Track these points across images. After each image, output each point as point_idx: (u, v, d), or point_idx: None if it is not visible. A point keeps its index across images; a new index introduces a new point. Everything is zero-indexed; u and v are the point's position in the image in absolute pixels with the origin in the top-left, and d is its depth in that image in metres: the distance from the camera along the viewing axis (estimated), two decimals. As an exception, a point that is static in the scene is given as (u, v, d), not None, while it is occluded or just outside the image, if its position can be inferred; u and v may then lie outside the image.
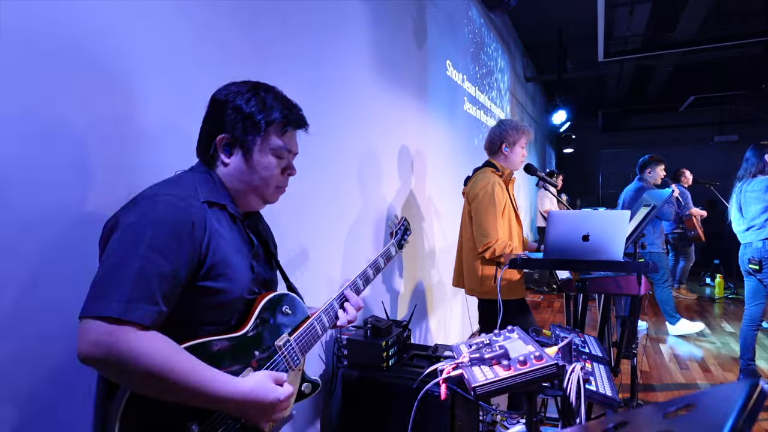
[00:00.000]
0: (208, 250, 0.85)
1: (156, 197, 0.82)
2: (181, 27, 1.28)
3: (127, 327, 0.73)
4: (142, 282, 0.76)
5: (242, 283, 0.91)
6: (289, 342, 0.98)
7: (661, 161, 3.97)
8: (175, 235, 0.80)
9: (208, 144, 0.94)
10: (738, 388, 0.32)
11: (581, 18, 5.22)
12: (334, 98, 2.03)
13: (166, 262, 0.78)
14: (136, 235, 0.78)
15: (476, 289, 2.20)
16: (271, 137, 0.94)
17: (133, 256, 0.76)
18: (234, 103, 0.91)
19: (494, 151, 2.29)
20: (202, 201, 0.87)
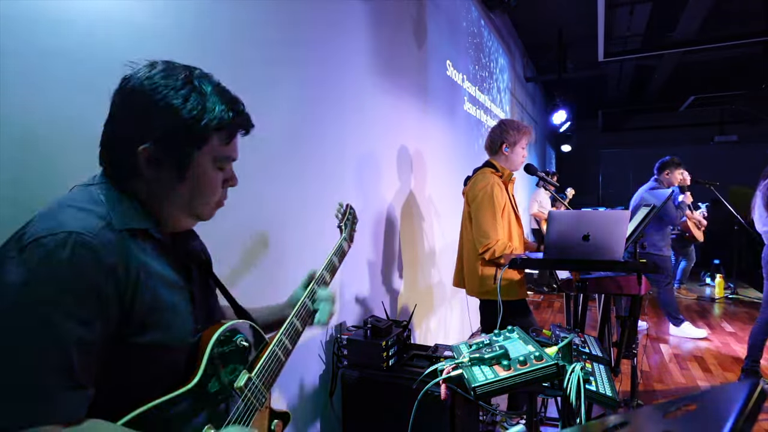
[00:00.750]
0: (135, 296, 0.65)
1: (54, 237, 0.59)
2: (176, 26, 1.28)
3: (51, 429, 0.55)
4: (55, 362, 0.57)
5: (182, 325, 0.73)
6: (251, 381, 0.81)
7: (680, 165, 3.93)
8: (93, 288, 0.60)
9: (122, 152, 0.70)
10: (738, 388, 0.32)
11: (581, 18, 5.22)
12: (334, 98, 2.03)
13: (86, 329, 0.59)
14: (36, 301, 0.57)
15: (476, 290, 2.20)
16: (214, 147, 0.73)
17: (37, 327, 0.56)
18: (165, 101, 0.68)
19: (495, 150, 2.28)
20: (119, 230, 0.66)
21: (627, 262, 1.59)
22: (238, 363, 0.82)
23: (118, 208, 0.68)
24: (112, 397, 0.64)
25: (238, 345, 0.82)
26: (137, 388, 0.67)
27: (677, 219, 3.81)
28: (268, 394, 0.87)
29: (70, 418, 0.58)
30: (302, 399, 1.81)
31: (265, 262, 1.59)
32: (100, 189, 0.70)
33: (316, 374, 1.92)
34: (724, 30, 5.19)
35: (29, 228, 0.61)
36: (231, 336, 0.81)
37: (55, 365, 0.57)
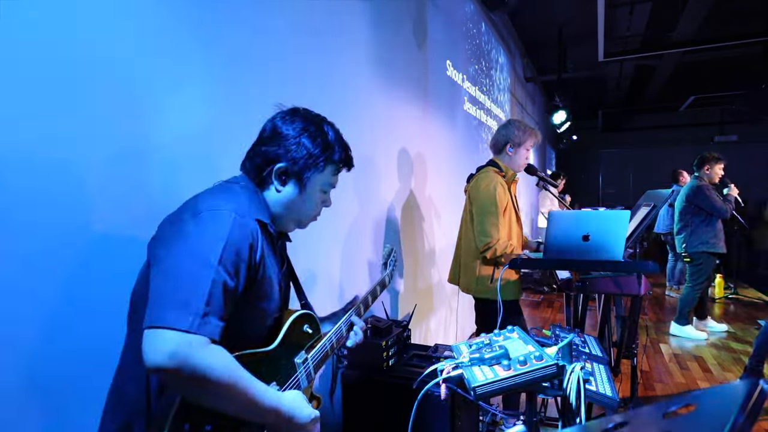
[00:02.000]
0: (259, 269, 0.88)
1: (219, 211, 0.83)
2: (184, 33, 1.28)
3: (202, 339, 0.74)
4: (214, 297, 0.77)
5: (277, 302, 0.97)
6: (307, 360, 1.02)
7: (720, 160, 3.86)
8: (240, 252, 0.82)
9: (263, 166, 0.96)
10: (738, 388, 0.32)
11: (581, 18, 5.22)
12: (334, 98, 2.03)
13: (232, 279, 0.81)
14: (206, 248, 0.79)
15: (472, 288, 2.20)
16: (326, 176, 1.00)
17: (206, 269, 0.77)
18: (301, 138, 0.95)
19: (499, 150, 2.28)
20: (254, 219, 0.89)
21: (627, 262, 1.59)
22: (301, 344, 1.04)
23: (254, 204, 0.92)
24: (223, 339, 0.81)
25: (304, 330, 1.05)
26: (238, 338, 0.86)
27: (726, 212, 3.74)
28: (315, 375, 1.06)
29: (214, 337, 0.76)
30: (302, 399, 1.81)
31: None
32: (242, 188, 0.94)
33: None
34: (724, 30, 5.19)
35: (199, 203, 0.85)
36: (302, 321, 1.04)
37: (212, 296, 0.76)
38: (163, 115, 1.22)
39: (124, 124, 1.12)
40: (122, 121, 1.12)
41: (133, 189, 1.14)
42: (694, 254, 3.83)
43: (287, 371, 0.97)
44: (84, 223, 1.03)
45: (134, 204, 1.13)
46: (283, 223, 1.02)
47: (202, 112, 1.34)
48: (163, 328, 0.72)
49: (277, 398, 0.85)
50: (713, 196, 3.74)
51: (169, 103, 1.24)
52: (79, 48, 1.02)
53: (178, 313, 0.73)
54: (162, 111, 1.22)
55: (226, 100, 1.41)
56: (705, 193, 3.75)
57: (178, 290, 0.75)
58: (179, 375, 0.72)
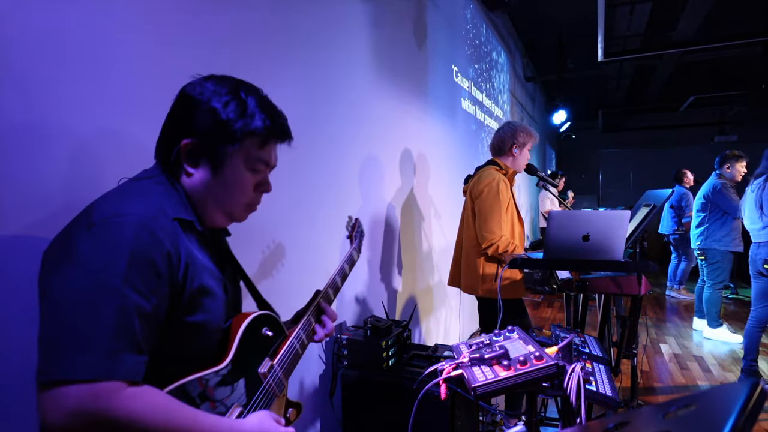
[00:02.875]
0: (186, 279, 0.73)
1: (119, 218, 0.67)
2: (176, 26, 1.28)
3: (114, 385, 0.61)
4: (123, 327, 0.63)
5: (220, 311, 0.81)
6: (273, 368, 0.88)
7: (742, 157, 3.80)
8: (152, 265, 0.67)
9: (170, 147, 0.79)
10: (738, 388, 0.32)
11: (581, 18, 5.22)
12: (334, 98, 2.03)
13: (147, 300, 0.66)
14: (105, 269, 0.63)
15: (476, 288, 2.20)
16: (247, 149, 0.80)
17: (107, 295, 0.63)
18: (209, 105, 0.77)
19: (503, 150, 2.29)
20: (172, 218, 0.73)
21: (627, 262, 1.58)
22: (262, 351, 0.89)
23: (170, 200, 0.76)
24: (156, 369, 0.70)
25: (263, 334, 0.89)
26: (174, 363, 0.74)
27: (738, 211, 3.69)
28: (286, 382, 0.94)
29: (132, 378, 0.64)
30: (302, 399, 1.81)
31: (264, 262, 1.59)
32: (153, 182, 0.77)
33: (316, 374, 1.92)
34: (724, 30, 5.19)
35: (94, 211, 0.68)
36: (258, 325, 0.88)
37: (120, 327, 0.63)
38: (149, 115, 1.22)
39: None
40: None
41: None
42: (708, 251, 3.83)
43: (251, 386, 0.83)
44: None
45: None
46: (210, 216, 0.83)
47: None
48: (61, 383, 0.58)
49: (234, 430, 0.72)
50: (730, 195, 3.73)
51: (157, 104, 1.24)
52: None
53: (77, 359, 0.59)
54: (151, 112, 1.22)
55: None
56: (723, 192, 3.75)
57: (73, 329, 0.61)
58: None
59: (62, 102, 0.99)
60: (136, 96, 1.15)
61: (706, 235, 3.84)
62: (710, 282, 3.86)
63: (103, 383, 0.60)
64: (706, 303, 3.94)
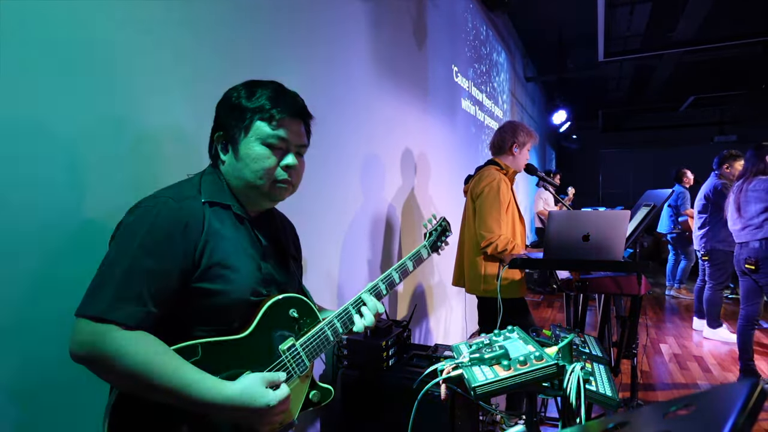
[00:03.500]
0: (204, 250, 0.83)
1: (154, 199, 0.84)
2: (181, 29, 1.28)
3: (110, 326, 0.73)
4: (128, 281, 0.76)
5: (243, 284, 0.88)
6: (294, 347, 0.93)
7: (740, 157, 3.78)
8: (168, 235, 0.80)
9: (211, 143, 0.95)
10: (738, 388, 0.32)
11: (581, 18, 5.22)
12: (334, 98, 2.03)
13: (155, 262, 0.78)
14: (129, 236, 0.79)
15: (478, 288, 2.20)
16: (256, 124, 0.89)
17: (123, 256, 0.78)
18: (226, 97, 0.92)
19: (503, 150, 2.29)
20: (203, 201, 0.86)
21: (627, 262, 1.59)
22: (288, 330, 0.95)
23: (208, 187, 0.89)
24: (177, 329, 0.82)
25: (290, 315, 0.95)
26: (196, 326, 0.84)
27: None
28: (311, 364, 0.98)
29: (128, 322, 0.74)
30: (302, 399, 1.81)
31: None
32: (202, 174, 0.93)
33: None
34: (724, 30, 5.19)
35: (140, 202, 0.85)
36: (286, 305, 0.95)
37: (127, 282, 0.76)
38: (154, 114, 1.22)
39: (106, 107, 1.12)
40: (114, 113, 1.11)
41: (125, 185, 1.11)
42: (712, 252, 3.82)
43: (268, 360, 0.89)
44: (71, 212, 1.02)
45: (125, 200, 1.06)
46: (249, 198, 0.94)
47: (195, 111, 1.34)
48: (78, 317, 0.74)
49: (215, 388, 0.78)
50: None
51: (160, 103, 1.24)
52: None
53: (90, 302, 0.75)
54: (154, 111, 1.22)
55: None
56: (723, 192, 3.74)
57: (96, 279, 0.77)
58: (91, 362, 0.74)
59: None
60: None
61: (709, 237, 3.84)
62: (712, 282, 3.86)
63: (102, 323, 0.73)
64: (707, 303, 3.94)
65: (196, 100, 1.31)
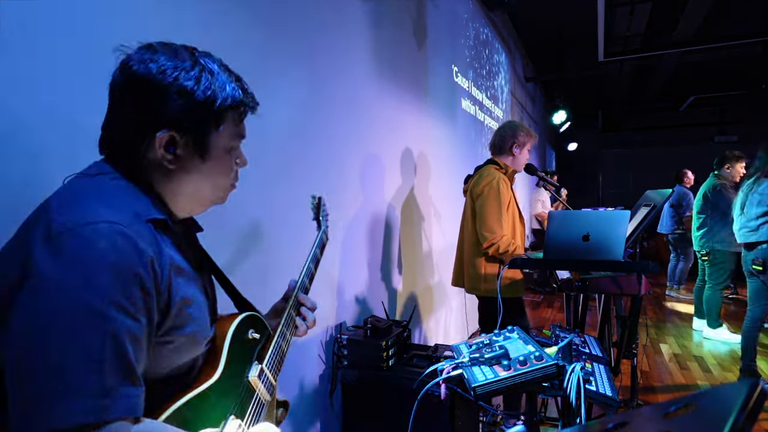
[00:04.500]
0: (170, 289, 0.63)
1: (89, 227, 0.55)
2: (176, 27, 1.28)
3: (117, 426, 0.52)
4: (114, 357, 0.53)
5: (206, 318, 0.72)
6: (263, 372, 0.83)
7: (741, 158, 3.79)
8: (137, 280, 0.57)
9: (132, 140, 0.66)
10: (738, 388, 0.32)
11: (581, 18, 5.22)
12: (335, 99, 2.03)
13: (136, 321, 0.56)
14: (84, 290, 0.53)
15: (478, 287, 2.20)
16: (229, 127, 0.71)
17: (94, 321, 0.53)
18: (178, 85, 0.64)
19: (503, 150, 2.30)
20: (145, 221, 0.63)
21: (627, 262, 1.58)
22: (249, 353, 0.83)
23: (136, 201, 0.64)
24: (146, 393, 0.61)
25: (250, 337, 0.83)
26: (163, 384, 0.66)
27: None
28: (276, 383, 0.89)
29: (134, 414, 0.55)
30: (302, 399, 1.81)
31: (262, 259, 1.59)
32: (112, 180, 0.65)
33: (316, 374, 1.92)
34: (724, 30, 5.19)
35: (52, 219, 0.56)
36: (245, 329, 0.82)
37: (112, 357, 0.53)
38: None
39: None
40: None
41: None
42: (712, 253, 3.82)
43: (244, 393, 0.78)
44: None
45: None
46: (186, 207, 0.73)
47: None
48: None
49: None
50: (730, 196, 3.73)
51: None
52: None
53: (69, 404, 0.50)
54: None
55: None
56: (722, 192, 3.74)
57: (55, 368, 0.50)
58: None
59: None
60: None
61: (708, 237, 3.84)
62: (711, 282, 3.86)
63: (102, 429, 0.51)
64: (707, 303, 3.94)
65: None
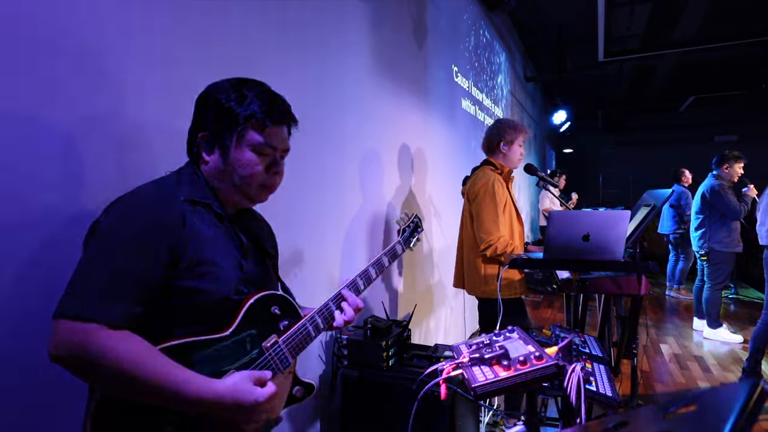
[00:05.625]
0: (187, 248, 0.82)
1: (133, 197, 0.82)
2: (177, 27, 1.28)
3: (95, 326, 0.72)
4: (112, 281, 0.75)
5: (228, 282, 0.88)
6: (277, 344, 0.93)
7: (740, 158, 3.78)
8: (150, 233, 0.79)
9: (192, 142, 0.93)
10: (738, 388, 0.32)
11: (581, 18, 5.22)
12: (334, 97, 2.03)
13: (139, 261, 0.77)
14: (109, 235, 0.78)
15: (478, 289, 2.20)
16: (249, 133, 0.89)
17: (105, 255, 0.76)
18: (214, 99, 0.89)
19: (492, 149, 2.29)
20: (183, 200, 0.85)
21: (627, 262, 1.58)
22: (270, 327, 0.95)
23: (187, 186, 0.88)
24: (161, 328, 0.81)
25: (272, 312, 0.95)
26: (181, 326, 0.82)
27: (739, 213, 3.67)
28: (294, 360, 0.98)
29: (112, 322, 0.73)
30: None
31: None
32: (179, 172, 0.91)
33: (316, 374, 1.92)
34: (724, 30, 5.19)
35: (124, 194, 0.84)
36: (267, 302, 0.95)
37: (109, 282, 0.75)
38: (151, 116, 1.22)
39: (96, 104, 1.11)
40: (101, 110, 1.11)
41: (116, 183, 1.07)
42: (710, 253, 3.81)
43: (251, 358, 0.89)
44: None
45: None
46: (231, 198, 0.94)
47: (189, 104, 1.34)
48: (58, 318, 0.72)
49: (205, 385, 0.78)
50: (728, 196, 3.71)
51: (160, 105, 1.24)
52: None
53: (72, 302, 0.73)
54: (151, 112, 1.22)
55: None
56: (720, 193, 3.73)
57: (76, 279, 0.75)
58: (75, 364, 0.72)
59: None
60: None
61: (707, 237, 3.83)
62: (711, 282, 3.86)
63: (85, 323, 0.71)
64: (706, 303, 3.94)
65: (189, 97, 1.31)
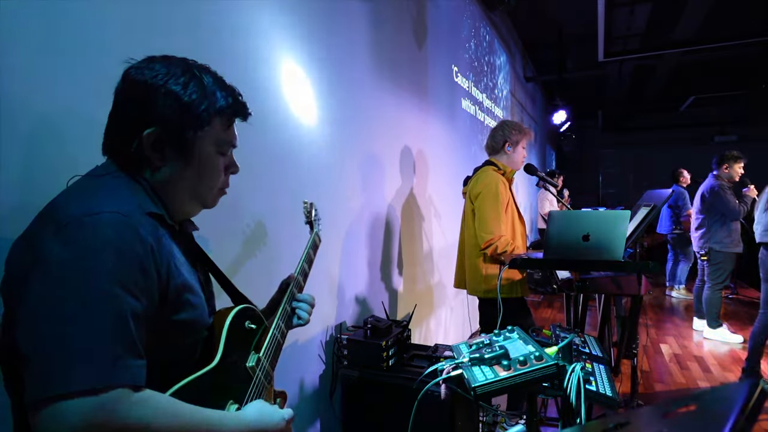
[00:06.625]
0: (169, 276, 0.70)
1: (95, 216, 0.61)
2: (170, 25, 1.28)
3: (120, 393, 0.57)
4: (120, 332, 0.59)
5: (203, 307, 0.78)
6: (260, 361, 0.88)
7: (740, 158, 3.77)
8: (139, 264, 0.63)
9: (128, 139, 0.71)
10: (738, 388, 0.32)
11: (581, 18, 5.22)
12: (335, 99, 2.03)
13: (139, 301, 0.63)
14: (91, 272, 0.59)
15: (479, 289, 2.20)
16: (215, 132, 0.76)
17: (98, 299, 0.59)
18: (166, 88, 0.71)
19: (496, 150, 2.30)
20: (145, 213, 0.69)
21: (627, 262, 1.58)
22: (247, 344, 0.88)
23: (138, 195, 0.71)
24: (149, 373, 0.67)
25: (247, 328, 0.88)
26: (166, 367, 0.70)
27: (739, 213, 3.67)
28: (273, 373, 0.94)
29: (136, 383, 0.60)
30: (302, 399, 1.81)
31: (262, 258, 1.59)
32: (114, 178, 0.71)
33: (316, 374, 1.92)
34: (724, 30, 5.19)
35: (58, 212, 0.63)
36: (241, 319, 0.86)
37: (117, 332, 0.59)
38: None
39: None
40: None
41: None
42: (711, 253, 3.81)
43: (242, 381, 0.83)
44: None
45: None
46: (182, 207, 0.79)
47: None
48: (61, 397, 0.54)
49: (237, 421, 0.72)
50: (728, 197, 3.71)
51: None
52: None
53: (77, 370, 0.55)
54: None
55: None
56: (719, 193, 3.73)
57: (66, 339, 0.56)
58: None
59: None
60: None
61: (707, 238, 3.83)
62: (711, 282, 3.86)
63: (108, 392, 0.56)
64: (706, 303, 3.94)
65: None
